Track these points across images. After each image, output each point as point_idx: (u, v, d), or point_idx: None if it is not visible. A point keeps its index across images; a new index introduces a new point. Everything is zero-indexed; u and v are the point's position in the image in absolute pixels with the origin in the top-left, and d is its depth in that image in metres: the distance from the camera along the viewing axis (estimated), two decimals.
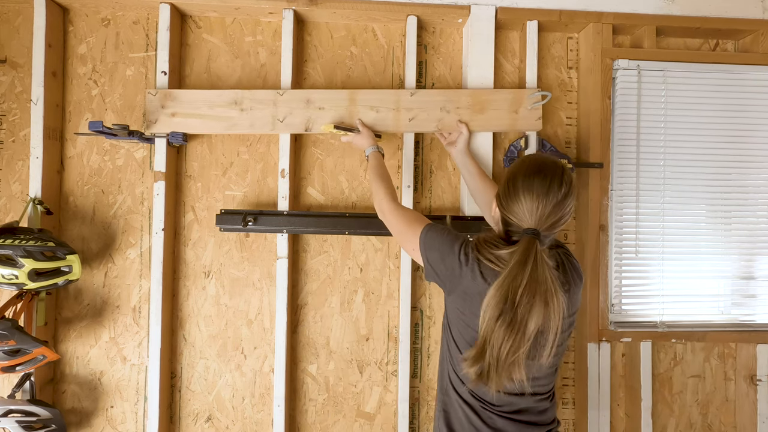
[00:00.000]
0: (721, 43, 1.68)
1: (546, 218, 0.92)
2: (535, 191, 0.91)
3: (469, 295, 0.96)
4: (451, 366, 1.03)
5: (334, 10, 1.49)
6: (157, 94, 1.44)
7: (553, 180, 0.92)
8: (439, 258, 1.02)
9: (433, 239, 1.04)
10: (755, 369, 1.61)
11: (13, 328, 1.24)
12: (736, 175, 1.61)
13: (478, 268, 0.95)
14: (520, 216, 0.93)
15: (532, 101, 1.49)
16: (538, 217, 0.92)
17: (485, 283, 0.93)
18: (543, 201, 0.91)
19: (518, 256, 0.89)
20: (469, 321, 0.98)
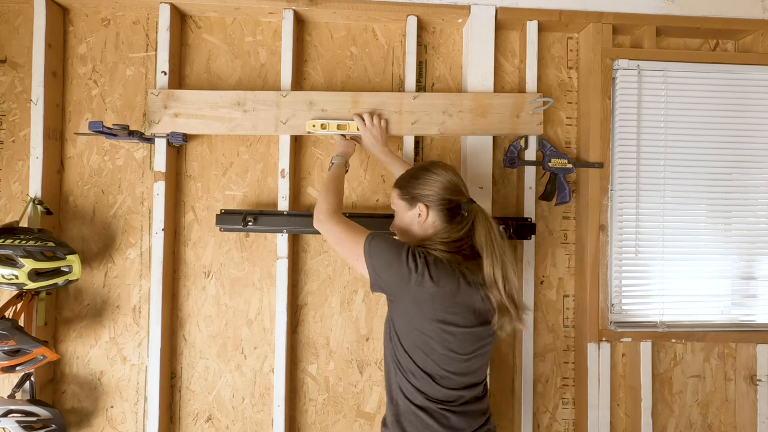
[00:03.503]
0: (721, 43, 1.68)
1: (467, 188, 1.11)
2: (446, 168, 1.09)
3: (421, 300, 0.99)
4: (402, 375, 1.05)
5: (334, 10, 1.49)
6: (160, 94, 1.44)
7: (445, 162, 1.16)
8: (385, 267, 1.01)
9: (378, 246, 1.03)
10: (755, 369, 1.61)
11: (13, 328, 1.24)
12: (736, 175, 1.61)
13: (428, 273, 0.97)
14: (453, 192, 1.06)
15: (533, 106, 1.49)
16: (465, 187, 1.10)
17: (435, 285, 0.97)
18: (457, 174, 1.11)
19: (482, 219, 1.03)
20: (421, 326, 1.01)
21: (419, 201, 1.08)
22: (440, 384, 1.02)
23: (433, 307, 0.98)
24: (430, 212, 1.07)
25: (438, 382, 1.02)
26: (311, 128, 1.44)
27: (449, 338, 1.00)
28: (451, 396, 1.03)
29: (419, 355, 1.02)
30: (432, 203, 1.07)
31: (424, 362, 1.02)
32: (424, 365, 1.02)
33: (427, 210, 1.07)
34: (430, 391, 1.03)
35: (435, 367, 1.02)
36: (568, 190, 1.52)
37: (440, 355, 1.01)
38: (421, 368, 1.02)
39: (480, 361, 1.07)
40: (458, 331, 1.00)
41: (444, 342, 1.00)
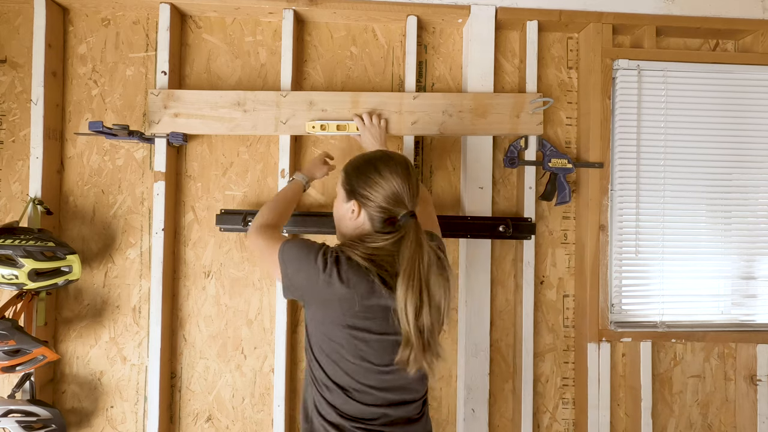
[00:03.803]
0: (721, 43, 1.68)
1: (415, 197, 0.97)
2: (401, 173, 0.95)
3: (329, 303, 0.92)
4: (316, 389, 0.97)
5: (334, 10, 1.49)
6: (160, 94, 1.44)
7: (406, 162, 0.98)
8: (296, 269, 0.94)
9: (290, 250, 0.96)
10: (755, 369, 1.61)
11: (13, 328, 1.24)
12: (736, 175, 1.61)
13: (337, 272, 0.90)
14: (394, 201, 0.94)
15: (533, 106, 1.49)
16: (410, 198, 0.95)
17: (345, 287, 0.89)
18: (409, 183, 0.95)
19: (413, 240, 0.90)
20: (330, 333, 0.93)
21: (355, 198, 0.98)
22: (355, 399, 0.93)
23: (342, 311, 0.90)
24: (362, 213, 0.97)
25: (352, 397, 0.93)
26: (311, 129, 1.44)
27: (362, 346, 0.91)
28: (369, 413, 0.93)
29: (330, 366, 0.94)
30: (366, 206, 0.96)
31: (335, 373, 0.93)
32: (336, 377, 0.93)
33: (359, 210, 0.97)
34: (344, 407, 0.93)
35: (348, 380, 0.93)
36: (568, 190, 1.52)
37: (352, 365, 0.92)
38: (333, 380, 0.94)
39: (408, 375, 0.93)
40: (372, 338, 0.91)
41: (356, 350, 0.91)
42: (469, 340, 1.49)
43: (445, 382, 1.58)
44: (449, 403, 1.57)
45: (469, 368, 1.49)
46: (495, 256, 1.58)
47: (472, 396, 1.49)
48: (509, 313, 1.60)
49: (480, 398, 1.49)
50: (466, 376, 1.49)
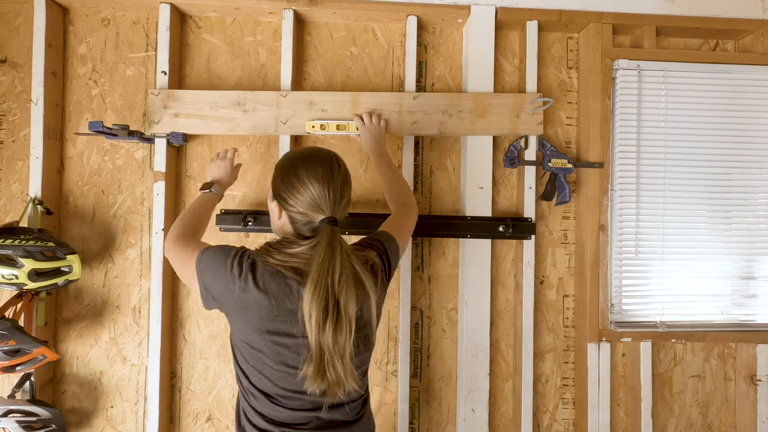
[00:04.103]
0: (721, 43, 1.68)
1: (338, 202, 0.92)
2: (321, 178, 0.90)
3: (246, 309, 0.89)
4: (244, 398, 0.95)
5: (334, 10, 1.49)
6: (160, 94, 1.44)
7: (332, 163, 0.94)
8: (212, 278, 0.91)
9: (206, 260, 0.92)
10: (755, 369, 1.61)
11: (13, 328, 1.24)
12: (736, 175, 1.61)
13: (252, 277, 0.88)
14: (313, 207, 0.90)
15: (533, 106, 1.49)
16: (331, 203, 0.91)
17: (260, 292, 0.87)
18: (330, 187, 0.91)
19: (325, 247, 0.85)
20: (250, 340, 0.90)
21: (276, 200, 0.95)
22: (282, 405, 0.91)
23: (260, 316, 0.88)
24: (284, 215, 0.95)
25: (278, 403, 0.91)
26: (311, 129, 1.44)
27: (283, 351, 0.88)
28: (299, 418, 0.91)
29: (254, 374, 0.92)
30: (286, 210, 0.93)
31: (260, 381, 0.91)
32: (261, 384, 0.91)
33: (280, 212, 0.95)
34: (272, 414, 0.91)
35: (272, 386, 0.90)
36: (568, 190, 1.52)
37: (276, 371, 0.89)
38: (257, 388, 0.92)
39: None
40: (292, 342, 0.88)
41: (277, 356, 0.89)
42: (469, 340, 1.49)
43: (445, 382, 1.58)
44: (449, 403, 1.58)
45: (469, 368, 1.49)
46: (495, 256, 1.58)
47: (472, 396, 1.49)
48: (509, 313, 1.60)
49: (480, 398, 1.49)
50: (466, 376, 1.49)
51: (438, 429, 1.57)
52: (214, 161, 1.33)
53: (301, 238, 0.93)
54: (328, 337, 0.83)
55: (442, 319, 1.58)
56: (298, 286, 0.87)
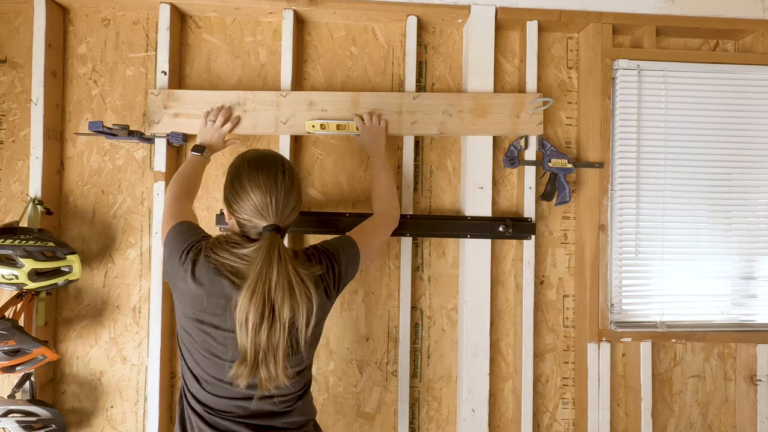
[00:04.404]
0: (721, 43, 1.68)
1: (281, 210, 0.94)
2: (263, 186, 0.93)
3: (184, 296, 0.95)
4: (183, 377, 1.00)
5: (334, 10, 1.49)
6: (160, 94, 1.44)
7: (277, 171, 0.95)
8: (168, 257, 0.98)
9: (170, 238, 1.00)
10: (755, 369, 1.61)
11: (13, 328, 1.24)
12: (736, 175, 1.61)
13: (191, 270, 0.92)
14: (255, 214, 0.93)
15: (533, 106, 1.49)
16: (273, 212, 0.93)
17: (195, 284, 0.92)
18: (274, 194, 0.93)
19: (264, 254, 0.88)
20: (185, 324, 0.96)
21: (225, 203, 1.00)
22: (208, 390, 0.95)
23: (192, 305, 0.93)
24: (232, 218, 0.99)
25: (205, 388, 0.95)
26: (311, 128, 1.44)
27: (209, 340, 0.93)
28: (224, 405, 0.95)
29: (188, 356, 0.97)
30: (233, 213, 0.98)
31: (192, 363, 0.97)
32: (192, 367, 0.97)
33: (228, 215, 1.00)
34: (200, 395, 0.96)
35: (201, 371, 0.95)
36: (568, 190, 1.52)
37: (204, 358, 0.94)
38: (190, 369, 0.97)
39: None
40: (218, 334, 0.92)
41: (205, 344, 0.93)
42: (469, 340, 1.49)
43: (445, 382, 1.58)
44: (449, 403, 1.58)
45: (469, 368, 1.49)
46: (495, 256, 1.58)
47: (472, 396, 1.49)
48: (509, 313, 1.60)
49: (480, 398, 1.49)
50: (466, 376, 1.49)
51: (438, 429, 1.57)
52: (205, 124, 1.38)
53: (247, 240, 0.96)
54: (262, 338, 0.87)
55: (442, 319, 1.58)
56: (230, 285, 0.91)
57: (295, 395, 1.01)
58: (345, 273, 1.06)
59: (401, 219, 1.48)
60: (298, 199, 0.99)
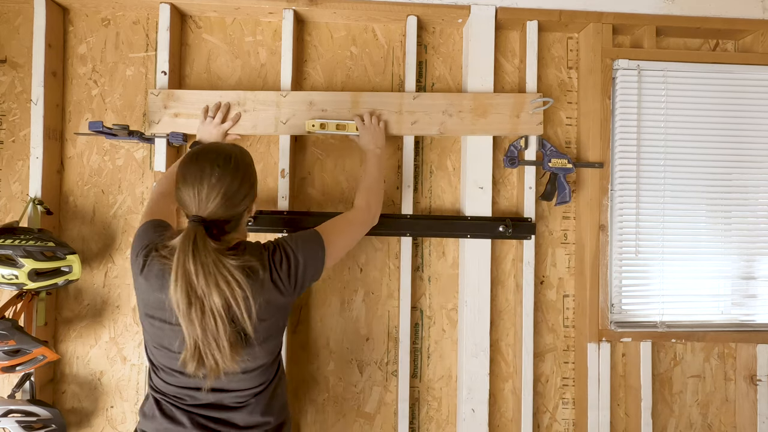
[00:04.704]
0: (721, 43, 1.68)
1: (204, 202, 0.93)
2: (189, 179, 0.94)
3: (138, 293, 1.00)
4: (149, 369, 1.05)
5: (334, 10, 1.49)
6: (160, 94, 1.44)
7: (209, 164, 0.95)
8: (131, 252, 1.03)
9: (136, 234, 1.05)
10: (755, 369, 1.61)
11: (13, 328, 1.24)
12: (736, 175, 1.61)
13: (141, 266, 0.97)
14: (186, 205, 0.95)
15: (533, 106, 1.49)
16: (197, 203, 0.94)
17: (144, 280, 0.96)
18: (197, 187, 0.93)
19: (180, 242, 0.90)
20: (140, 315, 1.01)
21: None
22: (162, 378, 0.99)
23: (142, 299, 0.98)
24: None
25: (160, 376, 1.00)
26: (311, 128, 1.44)
27: (159, 333, 0.97)
28: (178, 393, 0.98)
29: (147, 346, 1.02)
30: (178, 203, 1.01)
31: (150, 350, 1.01)
32: (150, 353, 1.01)
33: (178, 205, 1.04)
34: (156, 381, 1.01)
35: (156, 360, 1.00)
36: (568, 190, 1.52)
37: (156, 349, 0.99)
38: (149, 356, 1.02)
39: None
40: (166, 327, 0.95)
41: (156, 336, 0.97)
42: (469, 340, 1.49)
43: (445, 382, 1.58)
44: (449, 403, 1.58)
45: (469, 368, 1.49)
46: (495, 256, 1.58)
47: (472, 396, 1.49)
48: (509, 313, 1.60)
49: (480, 398, 1.49)
50: (466, 376, 1.49)
51: (438, 429, 1.57)
52: (204, 120, 1.40)
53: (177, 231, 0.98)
54: (196, 327, 0.88)
55: (442, 319, 1.58)
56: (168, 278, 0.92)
57: (250, 392, 1.01)
58: (304, 267, 1.03)
59: (401, 219, 1.49)
60: (230, 192, 0.95)
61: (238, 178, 0.97)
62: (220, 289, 0.89)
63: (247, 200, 1.00)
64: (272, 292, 0.98)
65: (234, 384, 0.98)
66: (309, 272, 1.05)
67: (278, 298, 1.00)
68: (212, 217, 0.95)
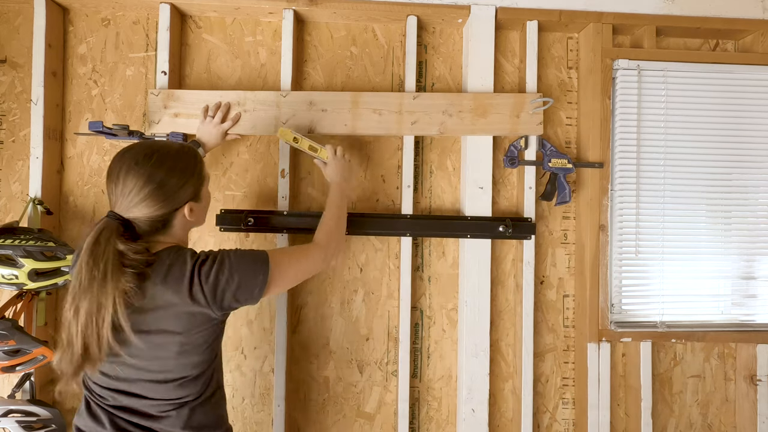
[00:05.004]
0: (721, 43, 1.68)
1: (120, 200, 0.92)
2: (110, 174, 0.93)
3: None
4: None
5: (334, 10, 1.49)
6: (160, 94, 1.44)
7: (126, 161, 0.93)
8: None
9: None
10: (755, 369, 1.61)
11: (13, 328, 1.24)
12: (736, 175, 1.61)
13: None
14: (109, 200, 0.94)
15: (533, 106, 1.49)
16: (114, 200, 0.93)
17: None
18: (115, 182, 0.92)
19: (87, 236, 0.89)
20: None
21: None
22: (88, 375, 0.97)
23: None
24: None
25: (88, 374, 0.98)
26: (284, 137, 1.36)
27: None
28: (102, 393, 0.96)
29: None
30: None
31: None
32: None
33: None
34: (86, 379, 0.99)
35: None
36: (568, 190, 1.52)
37: None
38: None
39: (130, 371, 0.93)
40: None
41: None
42: (469, 340, 1.49)
43: (445, 382, 1.58)
44: (449, 403, 1.58)
45: (469, 368, 1.49)
46: (495, 256, 1.58)
47: (472, 396, 1.49)
48: (509, 313, 1.60)
49: (480, 398, 1.49)
50: (466, 376, 1.49)
51: (438, 429, 1.57)
52: (204, 119, 1.39)
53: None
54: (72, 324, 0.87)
55: (442, 319, 1.58)
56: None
57: (169, 403, 0.96)
58: (236, 287, 0.96)
59: (401, 219, 1.49)
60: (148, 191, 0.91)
61: (157, 177, 0.92)
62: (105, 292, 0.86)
63: (173, 201, 0.95)
64: (188, 305, 0.92)
65: (150, 392, 0.94)
66: (241, 294, 0.98)
67: (196, 311, 0.93)
68: (128, 215, 0.92)
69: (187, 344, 0.94)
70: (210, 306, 0.94)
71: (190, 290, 0.92)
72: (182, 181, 0.96)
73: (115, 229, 0.90)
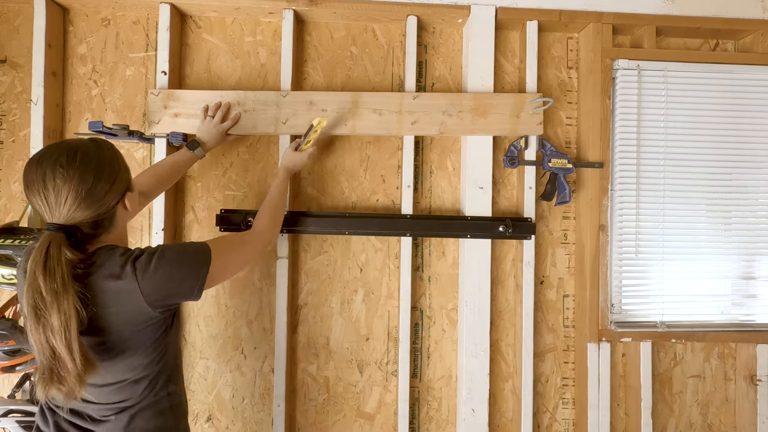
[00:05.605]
0: (721, 43, 1.68)
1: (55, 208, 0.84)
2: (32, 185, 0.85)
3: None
4: None
5: (334, 10, 1.49)
6: (160, 94, 1.44)
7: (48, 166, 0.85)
8: None
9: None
10: (755, 369, 1.61)
11: (13, 328, 1.24)
12: (736, 175, 1.61)
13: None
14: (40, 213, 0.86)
15: (533, 106, 1.49)
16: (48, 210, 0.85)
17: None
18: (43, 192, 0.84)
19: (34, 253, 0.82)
20: None
21: None
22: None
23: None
24: None
25: None
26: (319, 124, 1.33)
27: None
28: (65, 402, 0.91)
29: None
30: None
31: None
32: None
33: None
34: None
35: None
36: (568, 190, 1.52)
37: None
38: None
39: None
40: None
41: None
42: (469, 340, 1.49)
43: (445, 382, 1.58)
44: (449, 403, 1.58)
45: (469, 368, 1.49)
46: (495, 256, 1.58)
47: (472, 396, 1.49)
48: (509, 313, 1.60)
49: (480, 398, 1.49)
50: (466, 376, 1.49)
51: (438, 429, 1.57)
52: (204, 119, 1.41)
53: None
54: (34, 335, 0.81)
55: (442, 319, 1.58)
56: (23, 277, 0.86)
57: (110, 407, 0.93)
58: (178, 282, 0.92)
59: (401, 219, 1.49)
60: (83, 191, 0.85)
61: (89, 174, 0.86)
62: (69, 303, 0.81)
63: (112, 195, 0.90)
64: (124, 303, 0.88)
65: (92, 395, 0.91)
66: (183, 288, 0.93)
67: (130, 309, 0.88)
68: (71, 222, 0.85)
69: (126, 344, 0.90)
70: (147, 303, 0.88)
71: (126, 288, 0.87)
72: (114, 172, 0.92)
73: (63, 239, 0.84)
